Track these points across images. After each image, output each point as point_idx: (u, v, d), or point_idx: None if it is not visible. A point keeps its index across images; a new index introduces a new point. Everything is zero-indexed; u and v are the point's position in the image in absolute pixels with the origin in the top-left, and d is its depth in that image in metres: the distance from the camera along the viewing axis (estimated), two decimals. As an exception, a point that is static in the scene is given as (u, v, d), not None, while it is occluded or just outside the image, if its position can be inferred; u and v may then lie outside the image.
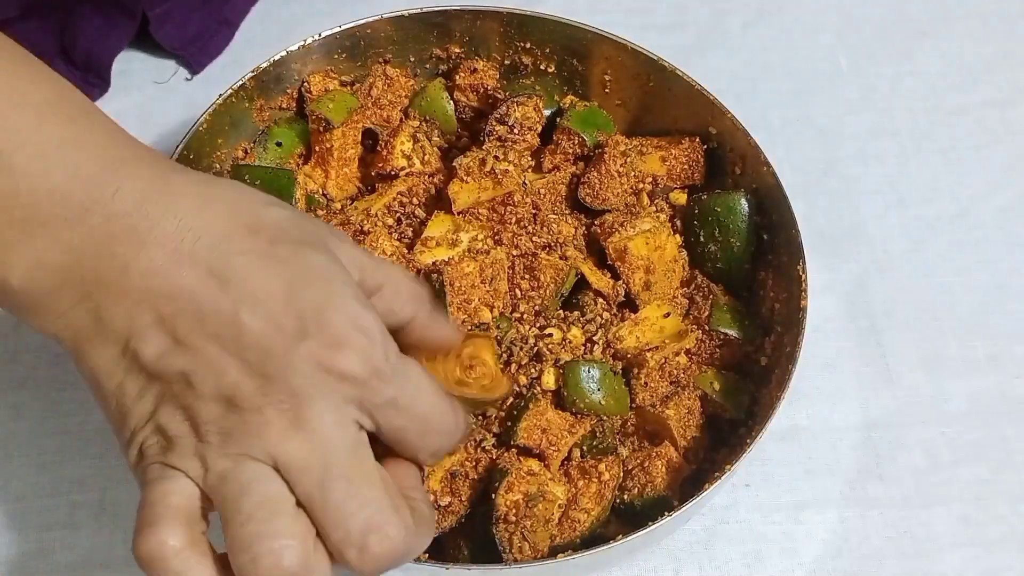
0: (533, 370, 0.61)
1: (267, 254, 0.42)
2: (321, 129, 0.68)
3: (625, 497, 0.60)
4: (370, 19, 0.70)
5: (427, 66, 0.73)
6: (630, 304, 0.66)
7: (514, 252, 0.64)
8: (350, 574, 0.42)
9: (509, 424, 0.59)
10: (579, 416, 0.60)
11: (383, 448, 0.45)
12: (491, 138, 0.67)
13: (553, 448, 0.59)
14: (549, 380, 0.60)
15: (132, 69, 0.84)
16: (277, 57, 0.69)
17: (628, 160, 0.67)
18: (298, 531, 0.40)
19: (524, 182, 0.66)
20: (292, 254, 0.43)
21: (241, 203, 0.44)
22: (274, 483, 0.41)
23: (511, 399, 0.60)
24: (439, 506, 0.57)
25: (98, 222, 0.42)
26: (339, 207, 0.68)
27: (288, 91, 0.71)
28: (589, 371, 0.60)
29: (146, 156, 0.45)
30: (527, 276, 0.64)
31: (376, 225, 0.65)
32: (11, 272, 0.42)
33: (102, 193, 0.42)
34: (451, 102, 0.71)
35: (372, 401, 0.42)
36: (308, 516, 0.41)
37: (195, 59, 0.83)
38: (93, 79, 0.81)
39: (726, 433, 0.63)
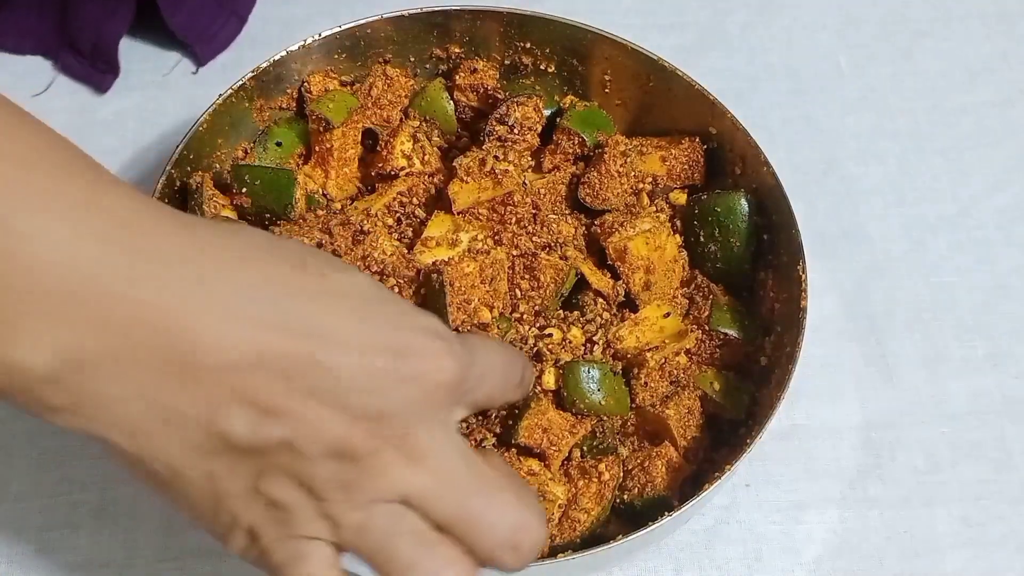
0: (534, 370, 0.61)
1: (324, 290, 0.40)
2: (321, 129, 0.68)
3: (625, 497, 0.60)
4: (370, 19, 0.70)
5: (427, 66, 0.73)
6: (630, 304, 0.66)
7: (514, 252, 0.64)
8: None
9: (510, 423, 0.59)
10: (580, 416, 0.60)
11: None
12: (491, 138, 0.67)
13: (554, 448, 0.59)
14: (549, 380, 0.60)
15: (133, 70, 0.83)
16: (277, 57, 0.69)
17: (628, 160, 0.67)
18: (457, 553, 0.41)
19: (524, 182, 0.66)
20: (342, 282, 0.41)
21: (268, 244, 0.41)
22: (412, 518, 0.40)
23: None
24: None
25: (148, 296, 0.37)
26: (339, 207, 0.68)
27: (288, 91, 0.71)
28: (589, 371, 0.60)
29: (165, 217, 0.40)
30: (527, 276, 0.64)
31: (376, 225, 0.65)
32: (36, 359, 0.36)
33: (132, 271, 0.37)
34: (451, 102, 0.71)
35: (462, 392, 0.42)
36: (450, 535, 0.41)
37: (203, 51, 0.83)
38: (101, 66, 0.81)
39: (726, 433, 0.63)
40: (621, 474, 0.60)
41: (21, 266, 0.36)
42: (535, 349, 0.62)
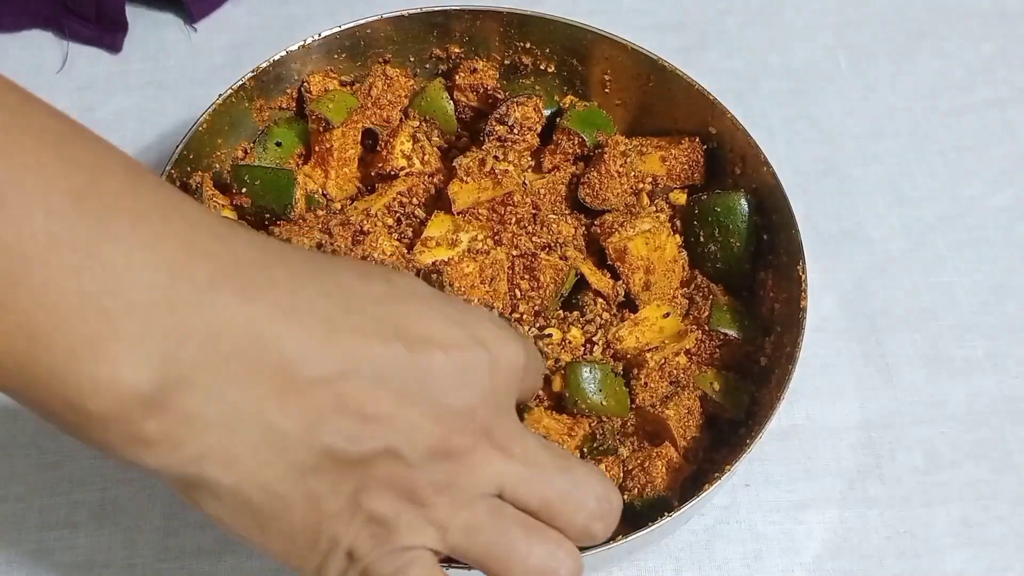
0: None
1: (394, 294, 0.40)
2: (321, 129, 0.68)
3: (625, 497, 0.60)
4: (370, 19, 0.70)
5: (427, 66, 0.73)
6: (630, 304, 0.66)
7: (514, 252, 0.64)
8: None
9: None
10: (577, 417, 0.60)
11: None
12: (491, 138, 0.67)
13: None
14: (556, 384, 0.60)
15: (132, 70, 0.84)
16: (277, 57, 0.69)
17: (628, 160, 0.67)
18: (554, 541, 0.42)
19: (524, 182, 0.66)
20: (405, 286, 0.41)
21: (330, 258, 0.42)
22: (511, 509, 0.41)
23: None
24: None
25: (235, 305, 0.36)
26: (339, 207, 0.68)
27: (288, 91, 0.71)
28: (591, 372, 0.60)
29: (241, 234, 0.39)
30: (527, 276, 0.64)
31: (376, 225, 0.65)
32: (138, 375, 0.34)
33: (225, 311, 0.35)
34: (451, 102, 0.71)
35: (522, 379, 0.42)
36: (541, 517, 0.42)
37: (195, 6, 0.83)
38: (109, 25, 0.82)
39: (726, 433, 0.63)
40: (621, 474, 0.60)
41: (108, 284, 0.34)
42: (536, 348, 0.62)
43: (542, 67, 0.73)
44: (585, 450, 0.61)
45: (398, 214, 0.67)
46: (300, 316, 0.37)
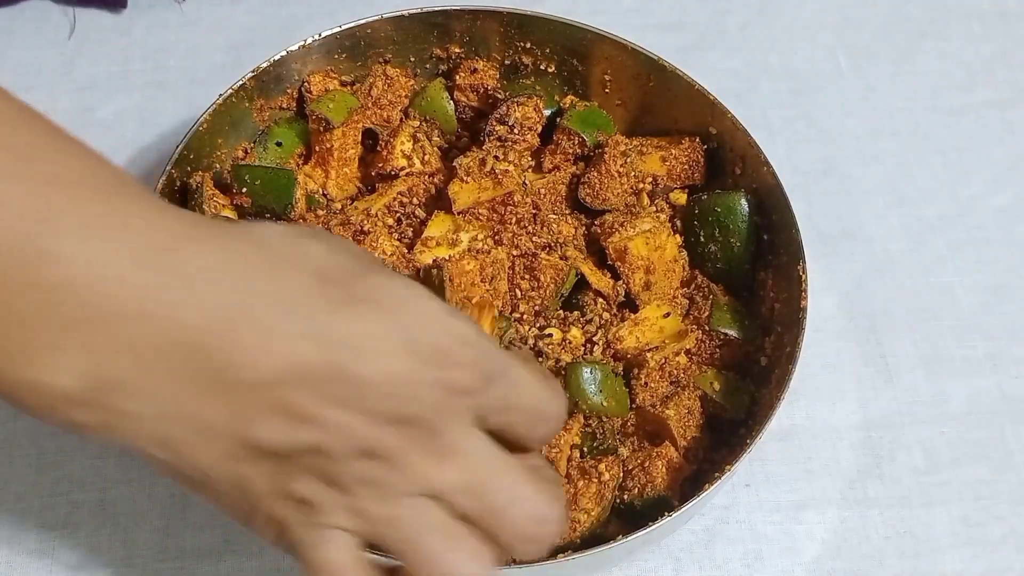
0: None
1: (352, 298, 0.40)
2: (321, 129, 0.68)
3: (625, 497, 0.60)
4: (370, 19, 0.70)
5: (427, 66, 0.73)
6: (630, 304, 0.66)
7: (514, 252, 0.64)
8: None
9: None
10: (573, 413, 0.60)
11: None
12: (491, 138, 0.67)
13: (556, 450, 0.59)
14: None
15: (132, 70, 0.84)
16: (277, 57, 0.69)
17: (628, 160, 0.67)
18: (480, 546, 0.42)
19: (524, 182, 0.66)
20: (372, 289, 0.41)
21: (296, 251, 0.41)
22: (438, 511, 0.42)
23: None
24: None
25: (181, 315, 0.37)
26: (339, 207, 0.68)
27: (288, 91, 0.71)
28: (591, 372, 0.60)
29: (200, 229, 0.40)
30: (527, 276, 0.64)
31: (376, 225, 0.65)
32: (63, 381, 0.37)
33: (164, 293, 0.37)
34: (451, 102, 0.71)
35: (487, 406, 0.42)
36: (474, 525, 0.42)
37: None
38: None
39: (726, 433, 0.63)
40: (621, 474, 0.60)
41: (48, 286, 0.36)
42: (535, 349, 0.62)
43: (542, 67, 0.73)
44: (585, 448, 0.61)
45: (398, 214, 0.67)
46: (247, 324, 0.38)
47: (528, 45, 0.72)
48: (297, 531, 0.42)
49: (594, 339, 0.63)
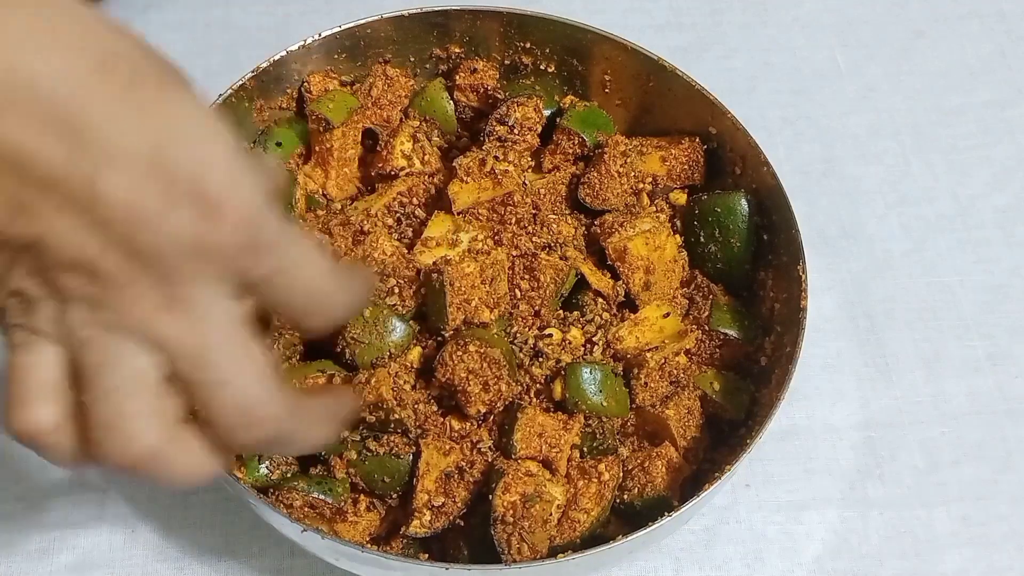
0: (527, 377, 0.61)
1: (126, 100, 0.36)
2: (321, 129, 0.68)
3: (625, 497, 0.60)
4: (370, 19, 0.70)
5: (427, 66, 0.73)
6: (630, 304, 0.65)
7: (514, 252, 0.64)
8: None
9: (504, 440, 0.59)
10: (572, 413, 0.60)
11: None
12: (491, 138, 0.67)
13: (556, 450, 0.59)
14: (556, 391, 0.60)
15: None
16: (277, 57, 0.69)
17: (628, 160, 0.67)
18: (157, 410, 0.38)
19: (524, 182, 0.66)
20: (156, 99, 0.36)
21: (88, 33, 0.36)
22: (138, 358, 0.37)
23: (504, 404, 0.60)
24: (433, 507, 0.57)
25: None
26: (339, 207, 0.68)
27: (288, 91, 0.71)
28: (591, 372, 0.60)
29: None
30: (527, 276, 0.64)
31: (376, 225, 0.65)
32: None
33: None
34: (451, 102, 0.71)
35: (251, 274, 0.38)
36: (182, 390, 0.39)
37: None
38: None
39: (726, 433, 0.63)
40: (621, 474, 0.60)
41: None
42: (535, 349, 0.62)
43: (542, 67, 0.73)
44: (585, 448, 0.61)
45: (398, 214, 0.67)
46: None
47: (528, 45, 0.72)
48: (11, 322, 0.38)
49: (594, 339, 0.63)
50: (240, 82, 0.67)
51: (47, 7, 0.36)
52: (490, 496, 0.56)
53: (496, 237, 0.65)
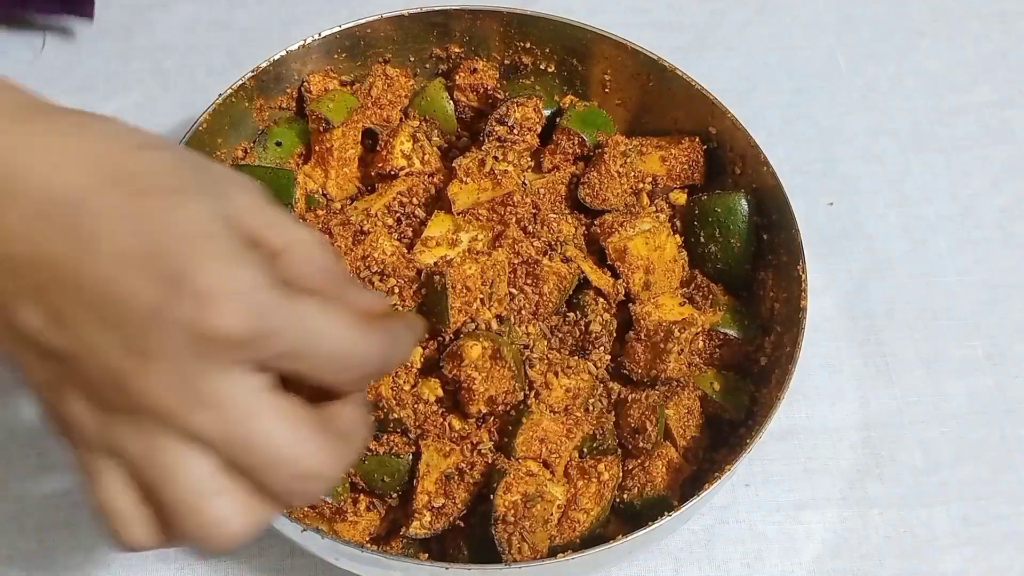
0: (526, 382, 0.60)
1: (128, 211, 0.37)
2: (321, 129, 0.68)
3: (625, 497, 0.60)
4: (370, 19, 0.70)
5: (427, 66, 0.73)
6: (630, 303, 0.65)
7: (516, 260, 0.64)
8: None
9: (506, 440, 0.59)
10: (575, 422, 0.60)
11: None
12: (491, 138, 0.67)
13: (555, 455, 0.59)
14: (558, 393, 0.60)
15: (132, 70, 0.84)
16: (277, 57, 0.69)
17: (628, 160, 0.67)
18: (232, 506, 0.39)
19: (524, 182, 0.66)
20: (158, 207, 0.38)
21: (110, 150, 0.39)
22: (195, 461, 0.38)
23: (505, 407, 0.60)
24: (433, 508, 0.57)
25: None
26: (339, 207, 0.68)
27: (288, 91, 0.71)
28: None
29: (2, 105, 0.40)
30: (530, 282, 0.64)
31: (376, 225, 0.65)
32: None
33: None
34: (451, 102, 0.71)
35: (262, 357, 0.38)
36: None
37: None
38: (76, 7, 0.83)
39: (726, 433, 0.63)
40: (621, 474, 0.60)
41: None
42: (535, 351, 0.62)
43: (542, 67, 0.73)
44: (585, 449, 0.61)
45: (398, 214, 0.67)
46: (12, 197, 0.37)
47: (528, 45, 0.72)
48: (75, 450, 0.39)
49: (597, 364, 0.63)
50: (240, 82, 0.67)
51: (84, 129, 0.39)
52: (491, 496, 0.56)
53: (496, 239, 0.65)
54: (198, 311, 0.37)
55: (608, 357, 0.63)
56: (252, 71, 0.68)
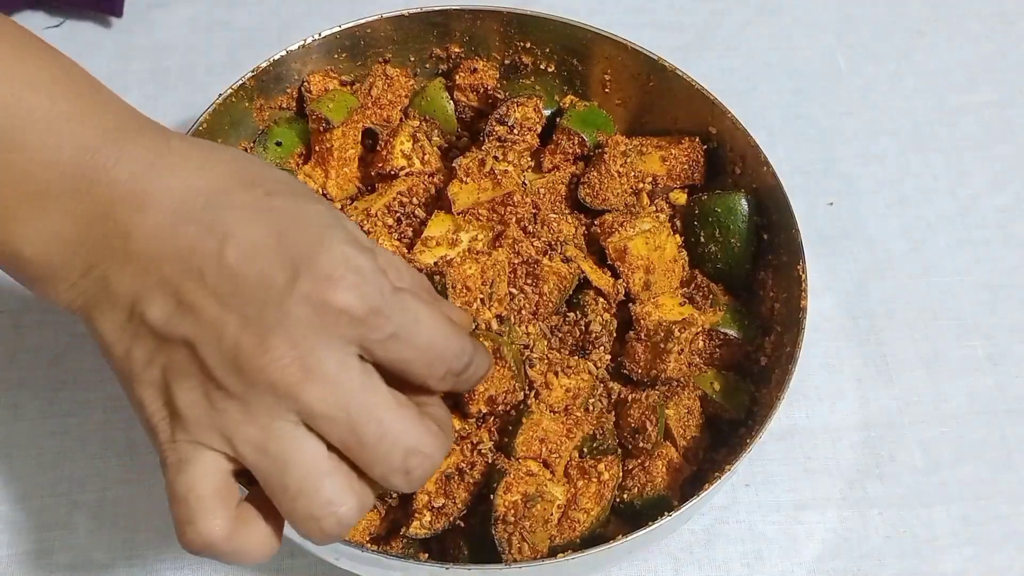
0: (526, 382, 0.60)
1: (262, 206, 0.42)
2: (321, 129, 0.68)
3: (625, 497, 0.60)
4: (370, 19, 0.70)
5: (427, 66, 0.73)
6: (631, 303, 0.65)
7: (516, 260, 0.64)
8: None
9: (506, 440, 0.59)
10: (575, 422, 0.60)
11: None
12: (491, 138, 0.67)
13: (555, 455, 0.59)
14: (559, 393, 0.60)
15: (132, 70, 0.84)
16: (277, 57, 0.69)
17: (628, 160, 0.67)
18: (343, 486, 0.41)
19: (524, 182, 0.66)
20: (287, 204, 0.42)
21: (242, 163, 0.44)
22: (307, 442, 0.41)
23: (505, 407, 0.60)
24: (433, 508, 0.57)
25: (102, 191, 0.42)
26: (339, 207, 0.68)
27: (288, 91, 0.71)
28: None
29: (149, 126, 0.45)
30: (530, 282, 0.64)
31: (376, 225, 0.65)
32: (25, 245, 0.43)
33: (105, 162, 0.42)
34: (451, 102, 0.71)
35: (372, 338, 0.41)
36: (345, 455, 0.42)
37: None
38: (105, 5, 0.84)
39: (726, 433, 0.63)
40: (621, 474, 0.60)
41: (20, 171, 0.42)
42: (535, 352, 0.62)
43: (542, 67, 0.73)
44: (585, 448, 0.61)
45: (398, 214, 0.67)
46: (158, 203, 0.42)
47: (528, 45, 0.72)
48: (164, 444, 0.42)
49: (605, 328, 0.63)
50: (240, 82, 0.67)
51: (216, 149, 0.45)
52: (491, 495, 0.56)
53: (497, 239, 0.65)
54: (321, 287, 0.40)
55: (608, 357, 0.63)
56: (252, 71, 0.68)
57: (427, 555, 0.58)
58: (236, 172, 0.43)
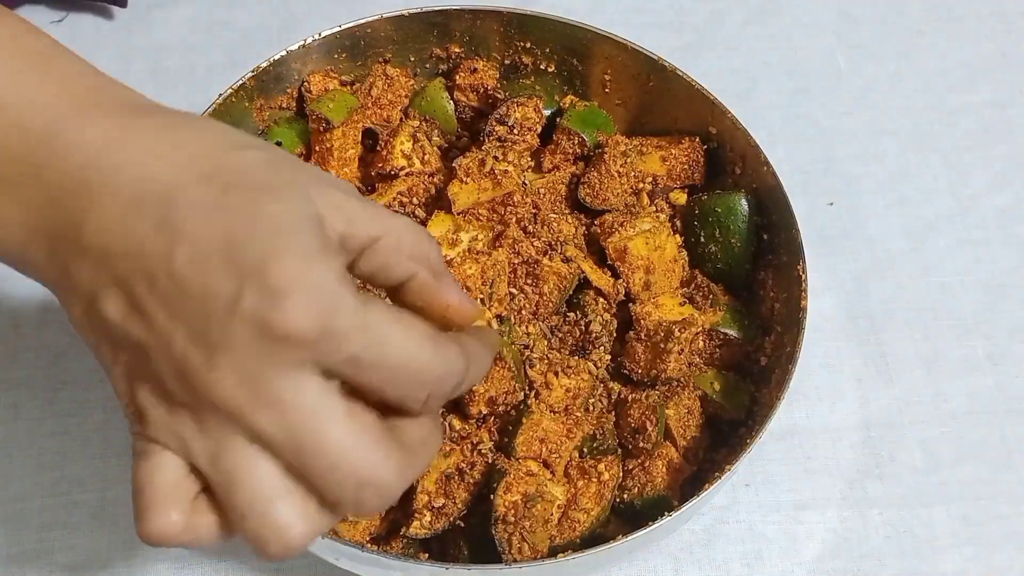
0: (527, 382, 0.60)
1: (216, 204, 0.38)
2: (321, 129, 0.68)
3: (625, 497, 0.60)
4: (370, 19, 0.70)
5: (427, 66, 0.73)
6: (631, 303, 0.65)
7: (516, 260, 0.64)
8: None
9: (506, 440, 0.59)
10: (575, 422, 0.60)
11: None
12: (491, 138, 0.67)
13: (555, 455, 0.59)
14: (559, 393, 0.60)
15: (132, 70, 0.84)
16: (277, 57, 0.69)
17: (628, 160, 0.67)
18: (294, 511, 0.39)
19: (524, 182, 0.66)
20: (244, 202, 0.38)
21: (206, 148, 0.40)
22: (259, 461, 0.38)
23: (506, 407, 0.60)
24: (433, 508, 0.57)
25: (51, 177, 0.39)
26: (339, 207, 0.68)
27: (288, 91, 0.71)
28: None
29: (107, 101, 0.41)
30: (530, 282, 0.64)
31: (376, 225, 0.65)
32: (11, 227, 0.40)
33: (54, 149, 0.39)
34: (451, 102, 0.71)
35: (327, 361, 0.38)
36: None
37: None
38: None
39: (726, 433, 0.63)
40: (621, 474, 0.60)
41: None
42: (535, 352, 0.62)
43: (542, 67, 0.73)
44: (585, 449, 0.61)
45: (398, 214, 0.67)
46: (114, 196, 0.39)
47: (528, 45, 0.72)
48: (132, 430, 0.40)
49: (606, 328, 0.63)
50: (240, 82, 0.67)
51: (182, 127, 0.41)
52: (491, 496, 0.56)
53: (497, 239, 0.65)
54: (267, 305, 0.36)
55: (608, 357, 0.63)
56: (252, 71, 0.68)
57: (427, 555, 0.58)
58: (196, 160, 0.39)
